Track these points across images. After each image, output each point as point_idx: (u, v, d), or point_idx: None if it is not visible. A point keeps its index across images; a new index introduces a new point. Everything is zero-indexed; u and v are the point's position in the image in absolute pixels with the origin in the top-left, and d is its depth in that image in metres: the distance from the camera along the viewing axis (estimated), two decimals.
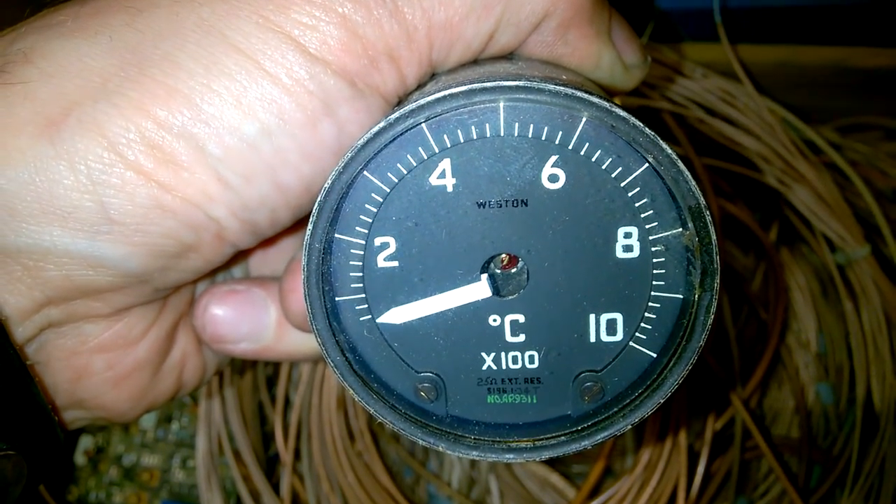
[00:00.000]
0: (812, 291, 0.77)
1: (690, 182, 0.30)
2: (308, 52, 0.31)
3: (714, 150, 0.77)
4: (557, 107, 0.30)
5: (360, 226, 0.33)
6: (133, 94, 0.31)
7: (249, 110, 0.31)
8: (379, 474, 0.67)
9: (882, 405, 0.72)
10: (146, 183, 0.31)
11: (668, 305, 0.33)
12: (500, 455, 0.34)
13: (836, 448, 0.73)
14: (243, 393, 0.73)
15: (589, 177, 0.31)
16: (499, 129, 0.31)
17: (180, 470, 0.77)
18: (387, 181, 0.32)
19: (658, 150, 0.30)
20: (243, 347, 0.41)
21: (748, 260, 0.80)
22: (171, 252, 0.34)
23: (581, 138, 0.31)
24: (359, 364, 0.35)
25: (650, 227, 0.32)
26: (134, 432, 0.79)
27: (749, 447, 0.69)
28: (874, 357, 0.73)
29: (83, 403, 0.39)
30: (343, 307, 0.34)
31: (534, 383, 0.35)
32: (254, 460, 0.69)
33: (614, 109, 0.29)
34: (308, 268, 0.32)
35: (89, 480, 0.78)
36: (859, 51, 0.79)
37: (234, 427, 0.70)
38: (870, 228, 0.75)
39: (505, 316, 0.34)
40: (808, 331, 0.76)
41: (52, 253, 0.32)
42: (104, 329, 0.37)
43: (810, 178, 0.73)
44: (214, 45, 0.31)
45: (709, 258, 0.31)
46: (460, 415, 0.35)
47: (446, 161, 0.31)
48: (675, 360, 0.33)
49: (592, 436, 0.34)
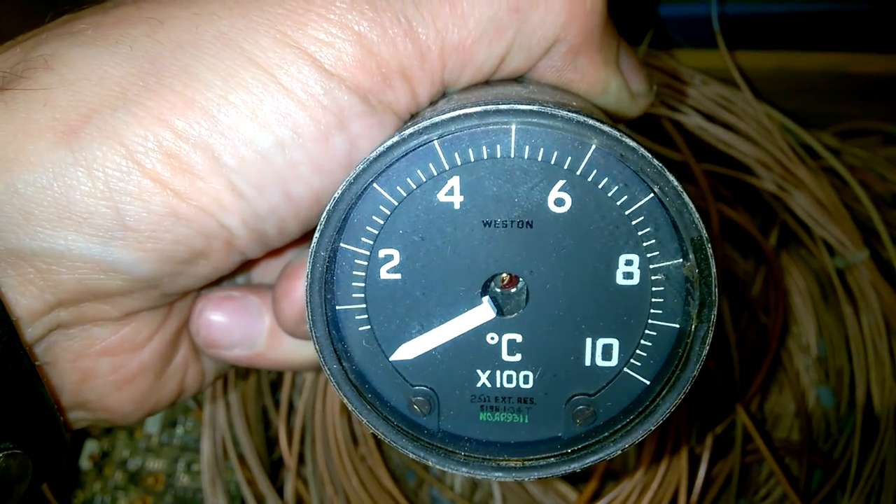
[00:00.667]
0: (812, 295, 0.77)
1: (694, 214, 0.30)
2: (323, 68, 0.32)
3: (713, 156, 0.77)
4: (569, 133, 0.30)
5: (365, 237, 0.33)
6: (151, 104, 0.31)
7: (265, 123, 0.32)
8: (382, 478, 0.68)
9: (882, 408, 0.72)
10: (162, 191, 0.32)
11: (665, 334, 0.33)
12: (490, 473, 0.34)
13: (836, 451, 0.73)
14: (247, 397, 0.73)
15: (595, 203, 0.31)
16: (509, 150, 0.31)
17: (185, 474, 0.78)
18: (395, 195, 0.32)
19: (664, 181, 0.30)
20: (236, 353, 0.42)
21: (748, 264, 0.81)
22: (181, 258, 0.34)
23: (589, 165, 0.31)
24: (355, 374, 0.35)
25: (651, 256, 0.32)
26: (139, 437, 0.79)
27: (750, 451, 0.69)
28: (874, 361, 0.73)
29: (87, 405, 0.39)
30: (343, 316, 0.34)
31: (527, 403, 0.35)
32: (258, 464, 0.70)
33: (624, 139, 0.30)
34: (312, 275, 0.33)
35: (94, 485, 0.78)
36: (856, 57, 0.80)
37: (238, 431, 0.71)
38: (869, 233, 0.76)
39: (503, 335, 0.34)
40: (809, 335, 0.76)
41: (65, 257, 0.32)
42: (111, 332, 0.37)
43: (809, 183, 0.74)
44: (232, 59, 0.32)
45: (707, 290, 0.31)
46: (452, 430, 0.35)
47: (455, 178, 0.32)
48: (668, 388, 0.33)
49: (582, 459, 0.34)
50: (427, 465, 0.35)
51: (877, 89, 0.82)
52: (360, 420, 0.35)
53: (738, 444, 0.68)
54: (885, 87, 0.81)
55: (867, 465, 0.70)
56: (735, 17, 0.82)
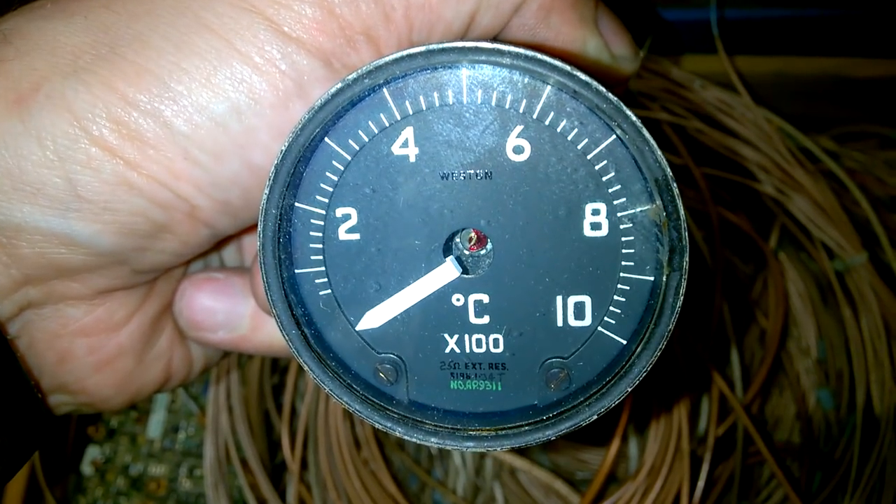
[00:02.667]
0: (811, 298, 0.77)
1: (657, 152, 0.29)
2: (281, 31, 0.31)
3: (713, 160, 0.78)
4: (520, 71, 0.29)
5: (320, 195, 0.32)
6: (102, 72, 0.31)
7: (219, 89, 0.31)
8: (385, 482, 0.68)
9: (882, 410, 0.72)
10: (112, 159, 0.31)
11: (638, 288, 0.31)
12: (460, 443, 0.33)
13: (836, 453, 0.74)
14: (250, 402, 0.73)
15: (554, 149, 0.30)
16: (461, 95, 0.30)
17: (187, 479, 0.78)
18: (348, 149, 0.31)
19: (622, 117, 0.28)
20: (220, 336, 0.41)
21: (748, 268, 0.81)
22: (142, 231, 0.33)
23: (546, 107, 0.29)
24: (316, 340, 0.33)
25: (618, 203, 0.30)
26: (141, 442, 0.80)
27: (751, 453, 0.70)
28: (873, 362, 0.74)
29: (67, 387, 0.39)
30: (301, 280, 0.33)
31: (499, 369, 0.33)
32: (261, 469, 0.70)
33: (576, 73, 0.28)
34: (264, 234, 0.31)
35: (97, 490, 0.78)
36: (855, 61, 0.81)
37: (241, 436, 0.71)
38: (867, 235, 0.76)
39: (469, 295, 0.33)
40: (808, 337, 0.77)
41: (23, 230, 0.32)
42: (85, 312, 0.37)
43: (808, 186, 0.74)
44: (187, 26, 0.31)
45: (677, 234, 0.30)
46: (421, 400, 0.34)
47: (409, 130, 0.30)
48: (643, 345, 0.31)
49: (557, 425, 0.32)
50: (395, 435, 0.33)
51: (875, 93, 0.83)
52: (323, 389, 0.33)
53: (740, 446, 0.68)
54: (882, 90, 0.82)
55: (868, 466, 0.71)
56: (734, 21, 0.82)
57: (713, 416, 0.67)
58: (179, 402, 0.80)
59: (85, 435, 0.80)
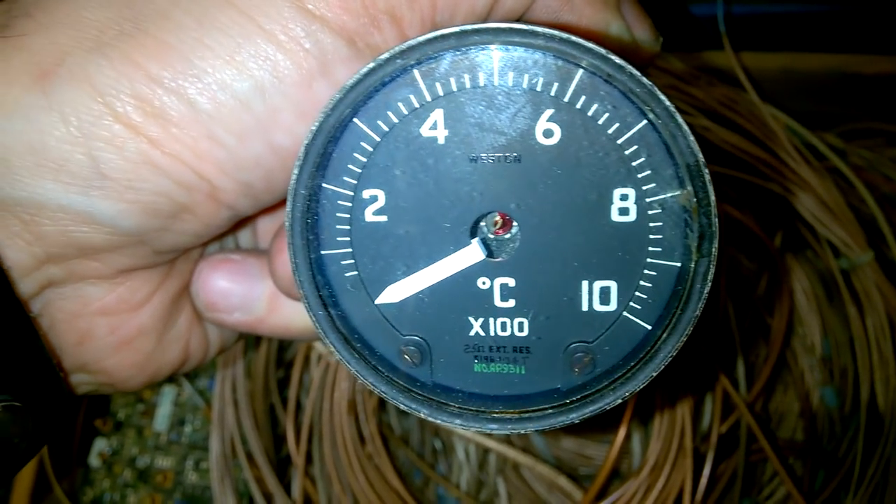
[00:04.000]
0: (817, 296, 0.77)
1: (689, 137, 0.28)
2: (306, 9, 0.30)
3: (719, 158, 0.77)
4: (552, 53, 0.29)
5: (348, 176, 0.32)
6: (125, 47, 0.30)
7: (243, 67, 0.31)
8: (389, 476, 0.68)
9: (886, 408, 0.72)
10: (135, 137, 0.31)
11: (665, 274, 0.31)
12: (483, 425, 0.33)
13: (840, 451, 0.74)
14: (256, 396, 0.74)
15: (585, 133, 0.30)
16: (493, 77, 0.29)
17: (194, 472, 0.78)
18: (377, 129, 0.31)
19: (656, 101, 0.28)
20: (236, 318, 0.41)
21: (753, 265, 0.81)
22: (164, 211, 0.33)
23: (577, 91, 0.29)
24: (342, 321, 0.33)
25: (647, 189, 0.30)
26: (148, 435, 0.80)
27: (754, 450, 0.70)
28: (878, 361, 0.74)
29: (87, 367, 0.39)
30: (328, 261, 0.33)
31: (522, 353, 0.33)
32: (266, 463, 0.70)
33: (611, 56, 0.28)
34: (293, 214, 0.31)
35: (104, 482, 0.79)
36: (861, 58, 0.80)
37: (246, 430, 0.71)
38: (874, 233, 0.76)
39: (495, 279, 0.32)
40: (813, 335, 0.77)
41: (46, 207, 0.32)
42: (106, 291, 0.37)
43: (814, 184, 0.74)
44: (210, 2, 0.31)
45: (707, 220, 0.29)
46: (445, 382, 0.34)
47: (439, 111, 0.30)
48: (669, 330, 0.31)
49: (580, 409, 0.32)
50: (420, 416, 0.33)
51: (882, 90, 0.82)
52: (349, 370, 0.33)
53: (743, 443, 0.69)
54: (890, 87, 0.82)
55: (871, 464, 0.71)
56: (741, 17, 0.82)
57: (716, 414, 0.67)
58: (186, 395, 0.81)
59: (92, 427, 0.81)
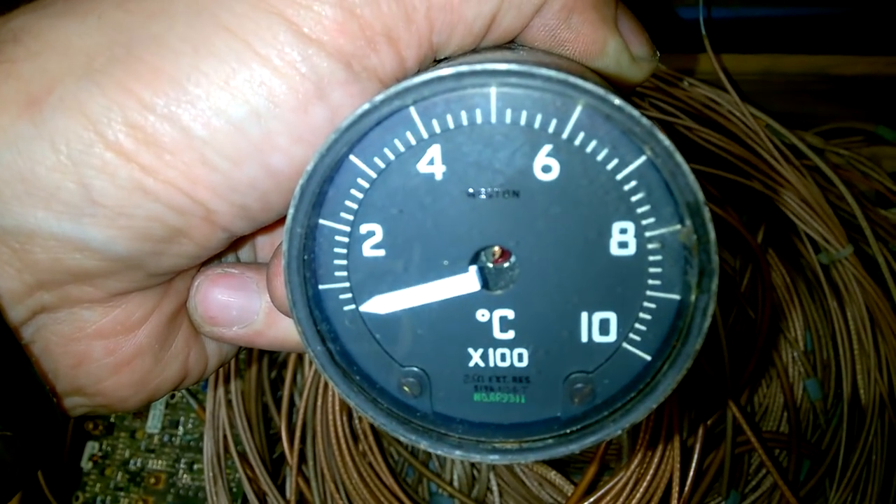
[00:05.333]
0: (798, 290, 0.79)
1: (689, 176, 0.28)
2: (301, 32, 0.30)
3: (702, 157, 0.79)
4: (550, 93, 0.29)
5: (345, 212, 0.31)
6: (117, 74, 0.30)
7: (238, 92, 0.30)
8: (382, 474, 0.69)
9: (867, 400, 0.74)
10: (127, 164, 0.30)
11: (664, 306, 0.31)
12: (485, 455, 0.33)
13: (824, 442, 0.75)
14: (249, 396, 0.74)
15: (583, 169, 0.30)
16: (490, 115, 0.29)
17: (186, 473, 0.78)
18: (374, 166, 0.31)
19: (655, 141, 0.28)
20: (235, 332, 0.40)
21: (736, 261, 0.83)
22: (158, 236, 0.33)
23: (576, 127, 0.29)
24: (341, 355, 0.33)
25: (646, 224, 0.30)
26: (140, 437, 0.80)
27: (740, 442, 0.71)
28: (859, 353, 0.75)
29: (84, 390, 0.38)
30: (326, 295, 0.33)
31: (522, 382, 0.33)
32: (259, 462, 0.71)
33: (609, 97, 0.28)
34: (289, 253, 0.31)
35: (96, 485, 0.79)
36: (840, 59, 0.82)
37: (239, 430, 0.72)
38: (853, 229, 0.78)
39: (493, 311, 0.32)
40: (796, 329, 0.78)
41: (37, 235, 0.31)
42: (101, 315, 0.36)
43: (794, 182, 0.76)
44: (205, 26, 0.30)
45: (706, 257, 0.29)
46: (445, 412, 0.34)
47: (436, 147, 0.30)
48: (668, 364, 0.31)
49: (581, 439, 0.32)
50: (419, 447, 0.34)
51: (859, 90, 0.84)
52: (348, 403, 0.33)
53: (729, 436, 0.70)
54: (867, 88, 0.84)
55: (854, 455, 0.72)
56: (721, 20, 0.84)
57: (703, 407, 0.68)
58: (178, 397, 0.81)
59: (83, 430, 0.81)
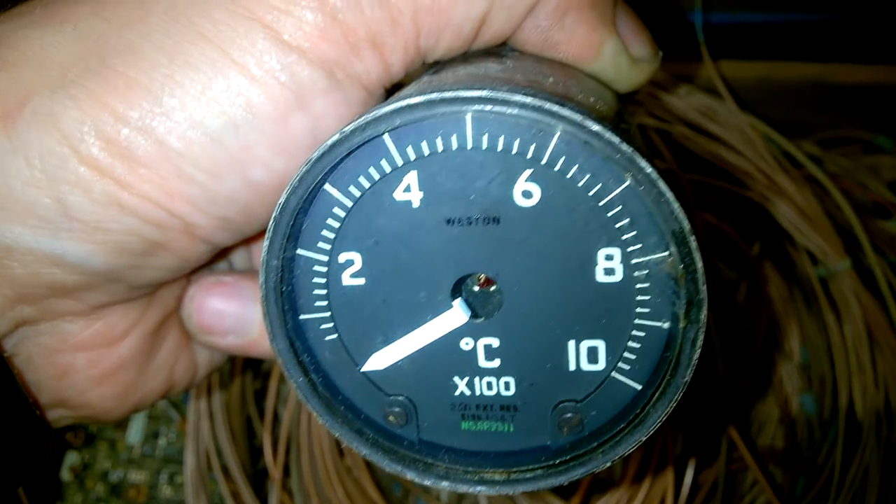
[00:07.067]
0: (795, 303, 0.78)
1: (673, 204, 0.27)
2: (281, 39, 0.29)
3: (698, 166, 0.78)
4: (527, 120, 0.27)
5: (322, 241, 0.31)
6: (92, 86, 0.29)
7: (215, 103, 0.30)
8: (368, 489, 0.67)
9: (864, 416, 0.73)
10: (101, 179, 0.30)
11: (654, 335, 0.30)
12: (472, 486, 0.32)
13: (819, 458, 0.74)
14: (232, 408, 0.72)
15: (565, 194, 0.29)
16: (466, 141, 0.28)
17: (168, 486, 0.77)
18: (349, 195, 0.30)
19: (636, 168, 0.27)
20: (230, 341, 0.40)
21: (732, 272, 0.81)
22: (137, 250, 0.32)
23: (555, 153, 0.28)
24: (324, 385, 0.33)
25: (632, 250, 0.29)
26: (121, 448, 0.78)
27: (735, 458, 0.70)
28: (856, 368, 0.74)
29: (68, 402, 0.38)
30: (307, 326, 0.32)
31: (510, 411, 0.33)
32: (242, 476, 0.69)
33: (587, 123, 0.27)
34: (266, 285, 0.31)
35: (75, 497, 0.77)
36: (838, 67, 0.81)
37: (222, 442, 0.70)
38: (850, 240, 0.77)
39: (478, 339, 0.32)
40: (792, 342, 0.77)
41: (14, 250, 0.31)
42: (83, 328, 0.36)
43: (791, 192, 0.74)
44: (181, 34, 0.29)
45: (694, 287, 0.28)
46: (432, 440, 0.33)
47: (412, 174, 0.29)
48: (658, 395, 0.30)
49: (570, 471, 0.31)
50: (406, 478, 0.33)
51: (858, 99, 0.83)
52: (332, 434, 0.33)
53: (723, 452, 0.69)
54: (865, 96, 0.83)
55: (850, 472, 0.71)
56: (719, 26, 0.83)
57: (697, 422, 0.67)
58: (160, 407, 0.79)
59: (63, 440, 0.79)
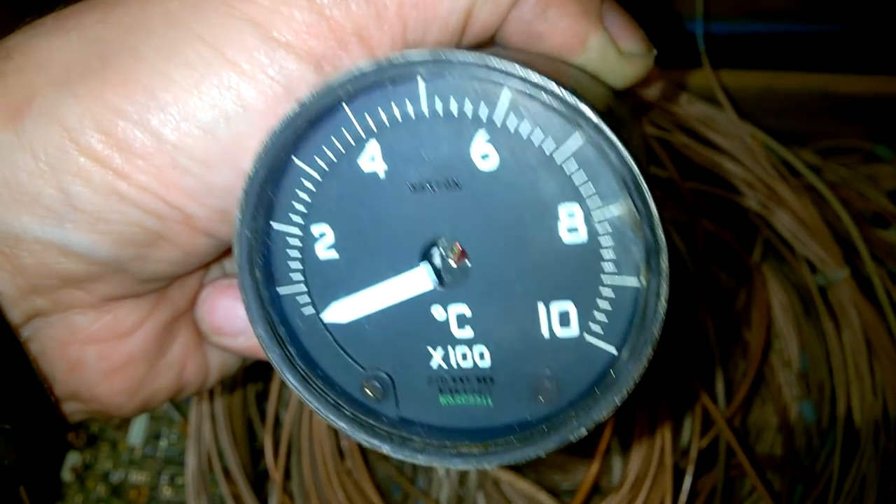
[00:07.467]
0: (794, 311, 0.78)
1: (620, 150, 0.27)
2: (270, 36, 0.31)
3: (699, 174, 0.78)
4: (474, 79, 0.28)
5: (294, 214, 0.32)
6: (92, 84, 0.32)
7: (206, 97, 0.31)
8: (368, 492, 0.68)
9: (862, 423, 0.73)
10: (101, 169, 0.32)
11: (623, 294, 0.30)
12: (448, 461, 0.32)
13: (818, 465, 0.74)
14: (233, 410, 0.73)
15: (521, 153, 0.29)
16: (421, 107, 0.29)
17: (169, 487, 0.77)
18: (317, 167, 0.31)
19: (581, 117, 0.27)
20: (241, 342, 0.41)
21: (731, 280, 0.82)
22: (139, 240, 0.34)
23: (507, 112, 0.29)
24: (301, 358, 0.33)
25: (591, 205, 0.29)
26: (122, 449, 0.79)
27: (733, 465, 0.70)
28: (854, 376, 0.74)
29: (79, 395, 0.39)
30: (284, 300, 0.33)
31: (487, 383, 0.33)
32: (243, 478, 0.69)
33: (529, 75, 0.27)
34: (240, 257, 0.32)
35: (76, 497, 0.77)
36: (839, 77, 0.81)
37: (223, 444, 0.70)
38: (849, 249, 0.77)
39: (448, 307, 0.32)
40: (791, 350, 0.77)
41: (23, 239, 0.33)
42: (94, 320, 0.37)
43: (791, 201, 0.75)
44: (178, 37, 0.31)
45: (651, 234, 0.28)
46: (411, 416, 0.33)
47: (374, 144, 0.30)
48: (630, 354, 0.30)
49: (545, 441, 0.31)
50: (382, 452, 0.33)
51: (858, 109, 0.84)
52: (309, 407, 0.33)
53: (722, 458, 0.69)
54: (865, 106, 0.83)
55: (848, 479, 0.71)
56: (720, 36, 0.83)
57: (696, 429, 0.67)
58: (162, 409, 0.79)
59: (65, 441, 0.79)
